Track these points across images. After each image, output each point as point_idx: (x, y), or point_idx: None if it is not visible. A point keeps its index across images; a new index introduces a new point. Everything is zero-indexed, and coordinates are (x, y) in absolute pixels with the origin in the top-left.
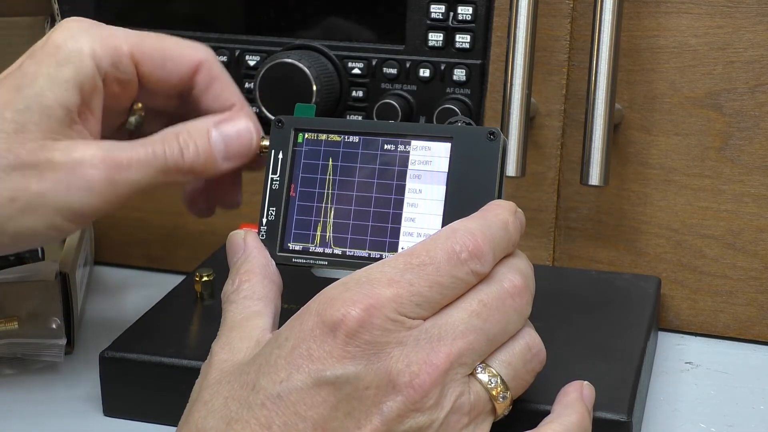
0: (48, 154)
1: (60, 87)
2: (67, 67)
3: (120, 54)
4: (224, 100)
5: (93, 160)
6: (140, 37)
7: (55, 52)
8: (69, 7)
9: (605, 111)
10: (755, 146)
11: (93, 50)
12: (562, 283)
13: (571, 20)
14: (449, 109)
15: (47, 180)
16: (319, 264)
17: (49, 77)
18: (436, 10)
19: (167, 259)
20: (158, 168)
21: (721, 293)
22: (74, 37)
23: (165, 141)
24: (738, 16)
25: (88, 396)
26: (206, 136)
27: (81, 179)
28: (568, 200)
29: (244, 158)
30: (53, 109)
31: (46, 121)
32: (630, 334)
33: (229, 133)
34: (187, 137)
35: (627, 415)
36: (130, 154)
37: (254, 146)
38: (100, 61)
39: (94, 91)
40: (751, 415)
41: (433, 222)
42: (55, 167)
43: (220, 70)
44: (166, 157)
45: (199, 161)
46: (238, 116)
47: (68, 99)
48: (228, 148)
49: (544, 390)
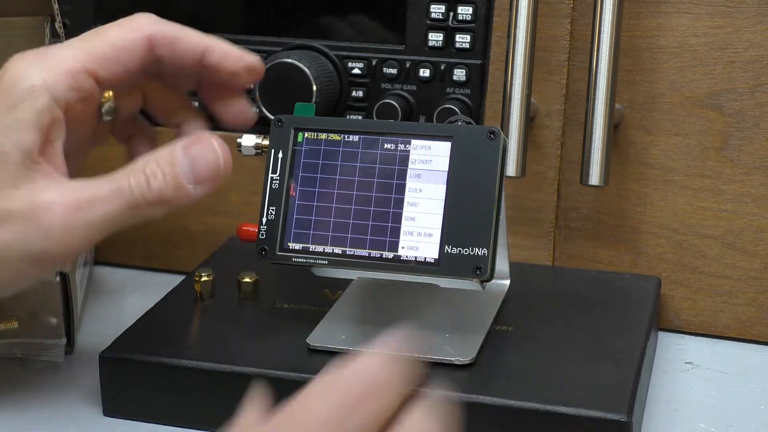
0: (7, 204)
1: (15, 131)
2: (20, 108)
3: (74, 74)
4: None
5: (50, 204)
6: (92, 46)
7: (6, 93)
8: (69, 7)
9: (605, 111)
10: (755, 146)
11: (44, 82)
12: (562, 283)
13: (571, 20)
14: (449, 109)
15: (7, 231)
16: (319, 263)
17: (2, 124)
18: (436, 10)
19: (167, 259)
20: (124, 203)
21: (721, 293)
22: (23, 73)
23: (131, 173)
24: (738, 16)
25: (88, 396)
26: (173, 161)
27: (38, 226)
28: (568, 200)
29: (214, 180)
30: (10, 155)
31: (4, 169)
32: (630, 335)
33: (195, 155)
34: (155, 165)
35: (627, 415)
36: (91, 193)
37: (222, 167)
38: (55, 91)
39: (53, 123)
40: (751, 415)
41: (434, 221)
42: (14, 217)
43: (172, 30)
44: (131, 189)
45: (167, 189)
46: (204, 137)
47: (25, 141)
48: (195, 171)
49: (544, 390)
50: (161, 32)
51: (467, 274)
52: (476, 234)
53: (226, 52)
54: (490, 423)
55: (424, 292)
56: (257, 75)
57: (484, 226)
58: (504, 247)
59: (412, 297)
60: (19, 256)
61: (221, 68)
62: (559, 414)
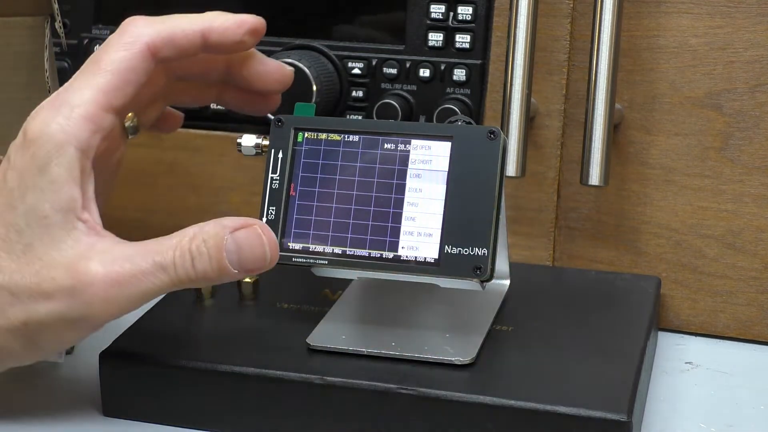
0: (53, 273)
1: (51, 192)
2: (50, 168)
3: (92, 118)
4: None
5: (93, 278)
6: (99, 81)
7: (32, 155)
8: (69, 7)
9: (605, 111)
10: (755, 146)
11: (67, 135)
12: (563, 283)
13: (571, 20)
14: (449, 109)
15: (51, 303)
16: (319, 263)
17: (36, 188)
18: (436, 10)
19: None
20: (167, 279)
21: (721, 293)
22: (44, 130)
23: (176, 248)
24: (738, 16)
25: (88, 396)
26: (221, 245)
27: (81, 301)
28: (568, 200)
29: (259, 271)
30: (52, 218)
31: (48, 232)
32: (630, 335)
33: (242, 243)
34: (201, 244)
35: (627, 415)
36: (134, 267)
37: (268, 261)
38: (79, 142)
39: (84, 175)
40: (751, 415)
41: (434, 221)
42: (58, 291)
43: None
44: (176, 268)
45: (211, 271)
46: (253, 224)
47: (64, 201)
48: (241, 260)
49: (544, 390)
50: (158, 35)
51: (467, 274)
52: (476, 234)
53: (225, 26)
54: (489, 423)
55: (424, 292)
56: (260, 33)
57: (484, 225)
58: (504, 247)
59: (412, 297)
60: (65, 324)
61: (225, 43)
62: (558, 414)
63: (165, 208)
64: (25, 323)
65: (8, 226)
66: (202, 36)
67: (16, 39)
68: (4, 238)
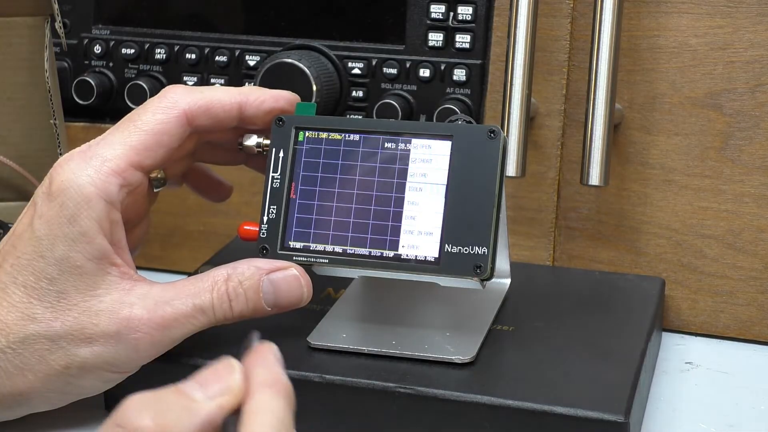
0: (95, 320)
1: (83, 243)
2: (80, 219)
3: (122, 173)
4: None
5: (137, 323)
6: (133, 139)
7: (61, 205)
8: (69, 7)
9: (605, 111)
10: (755, 146)
11: (96, 189)
12: (563, 283)
13: (571, 20)
14: (449, 109)
15: (95, 344)
16: (320, 262)
17: (66, 239)
18: (436, 10)
19: (167, 259)
20: (206, 321)
21: (722, 293)
22: (73, 182)
23: (213, 290)
24: (738, 16)
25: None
26: (257, 287)
27: (126, 346)
28: (568, 200)
29: (292, 307)
30: (85, 267)
31: (83, 280)
32: (631, 335)
33: (280, 285)
34: (238, 287)
35: (624, 415)
36: (175, 311)
37: (304, 300)
38: (108, 196)
39: (113, 226)
40: (751, 415)
41: (434, 220)
42: (103, 336)
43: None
44: (214, 310)
45: (248, 311)
46: (290, 267)
47: (96, 251)
48: (278, 301)
49: (543, 390)
50: (196, 103)
51: (467, 273)
52: (476, 233)
53: (262, 99)
54: (488, 422)
55: (424, 290)
56: (293, 105)
57: (484, 224)
58: (505, 246)
59: (413, 296)
60: (105, 367)
61: (261, 115)
62: (556, 414)
63: (165, 208)
64: (66, 367)
65: (38, 274)
66: (239, 108)
67: (16, 39)
68: (35, 286)
